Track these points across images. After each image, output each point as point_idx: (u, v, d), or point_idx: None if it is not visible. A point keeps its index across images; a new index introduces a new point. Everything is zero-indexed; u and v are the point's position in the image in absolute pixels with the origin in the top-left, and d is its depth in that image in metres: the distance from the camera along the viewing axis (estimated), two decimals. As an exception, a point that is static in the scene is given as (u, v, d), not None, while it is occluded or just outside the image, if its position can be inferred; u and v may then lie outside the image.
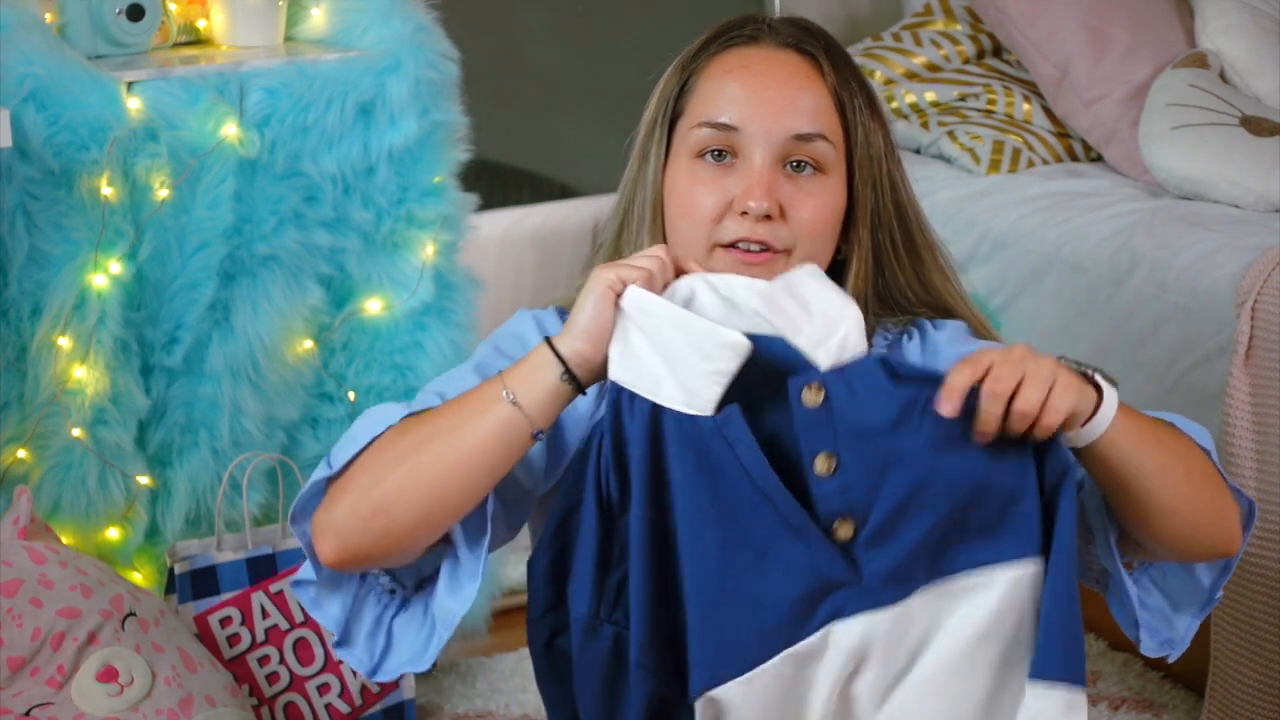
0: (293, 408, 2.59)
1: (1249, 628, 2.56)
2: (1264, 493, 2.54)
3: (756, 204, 1.76)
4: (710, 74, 1.82)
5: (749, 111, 1.78)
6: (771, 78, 1.80)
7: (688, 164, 1.80)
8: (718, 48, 1.83)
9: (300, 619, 2.46)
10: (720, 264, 1.77)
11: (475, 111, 2.66)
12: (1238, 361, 2.58)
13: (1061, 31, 3.34)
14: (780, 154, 1.78)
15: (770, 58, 1.81)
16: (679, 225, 1.80)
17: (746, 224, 1.77)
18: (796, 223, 1.78)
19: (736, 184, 1.78)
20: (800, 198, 1.78)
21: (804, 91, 1.80)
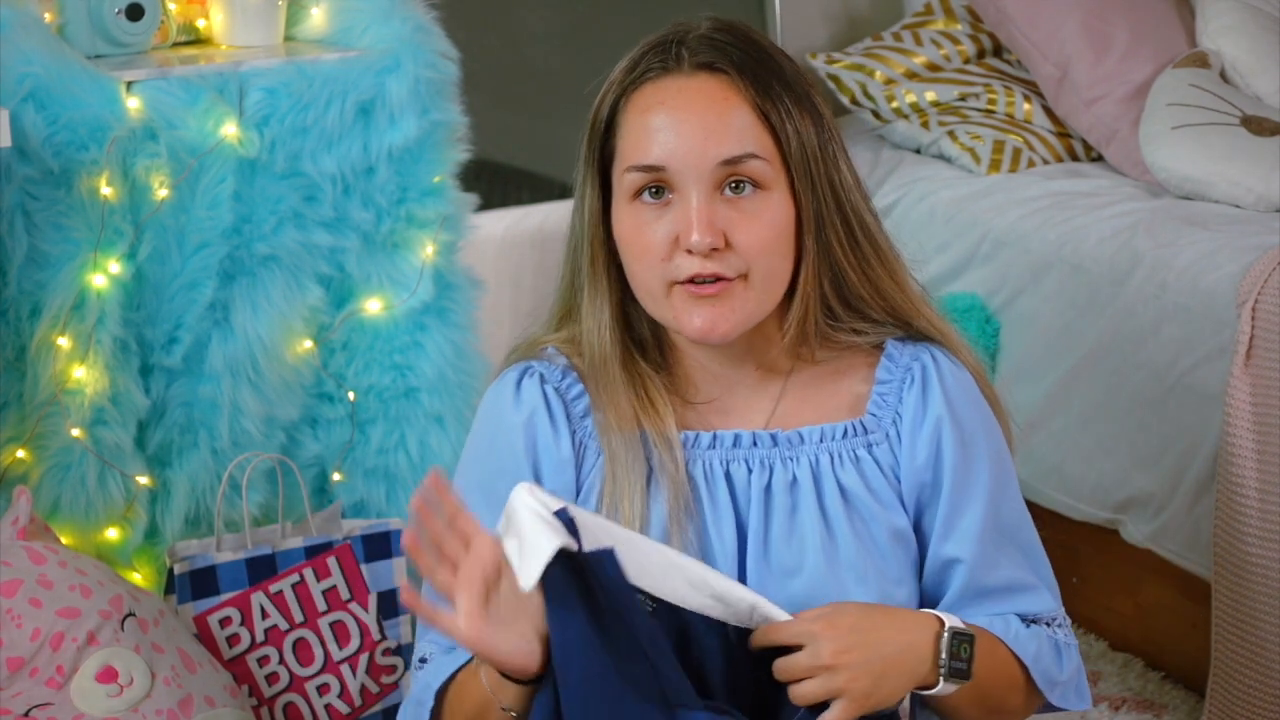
0: (292, 408, 2.59)
1: (1249, 628, 2.55)
2: (1264, 493, 2.54)
3: (699, 239, 1.74)
4: (630, 114, 1.80)
5: (671, 148, 1.76)
6: (688, 110, 1.77)
7: (628, 207, 1.79)
8: (633, 83, 1.81)
9: (300, 619, 2.46)
10: (678, 300, 1.77)
11: (475, 111, 2.66)
12: (1238, 361, 2.58)
13: (1062, 31, 3.34)
14: (712, 182, 1.76)
15: (683, 87, 1.78)
16: (634, 269, 1.80)
17: (695, 260, 1.75)
18: (744, 247, 1.76)
19: (677, 222, 1.76)
20: (743, 221, 1.76)
21: (724, 115, 1.77)
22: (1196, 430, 2.69)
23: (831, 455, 1.83)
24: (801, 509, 1.82)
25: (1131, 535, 2.83)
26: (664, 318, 1.80)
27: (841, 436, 1.83)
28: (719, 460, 1.83)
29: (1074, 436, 2.91)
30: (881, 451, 1.84)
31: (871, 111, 3.47)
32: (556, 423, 1.84)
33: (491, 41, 3.39)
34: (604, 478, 1.82)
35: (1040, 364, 2.99)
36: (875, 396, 1.85)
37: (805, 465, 1.82)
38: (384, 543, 2.52)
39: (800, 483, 1.82)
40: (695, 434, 1.83)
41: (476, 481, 1.86)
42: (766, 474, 1.82)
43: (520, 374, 1.86)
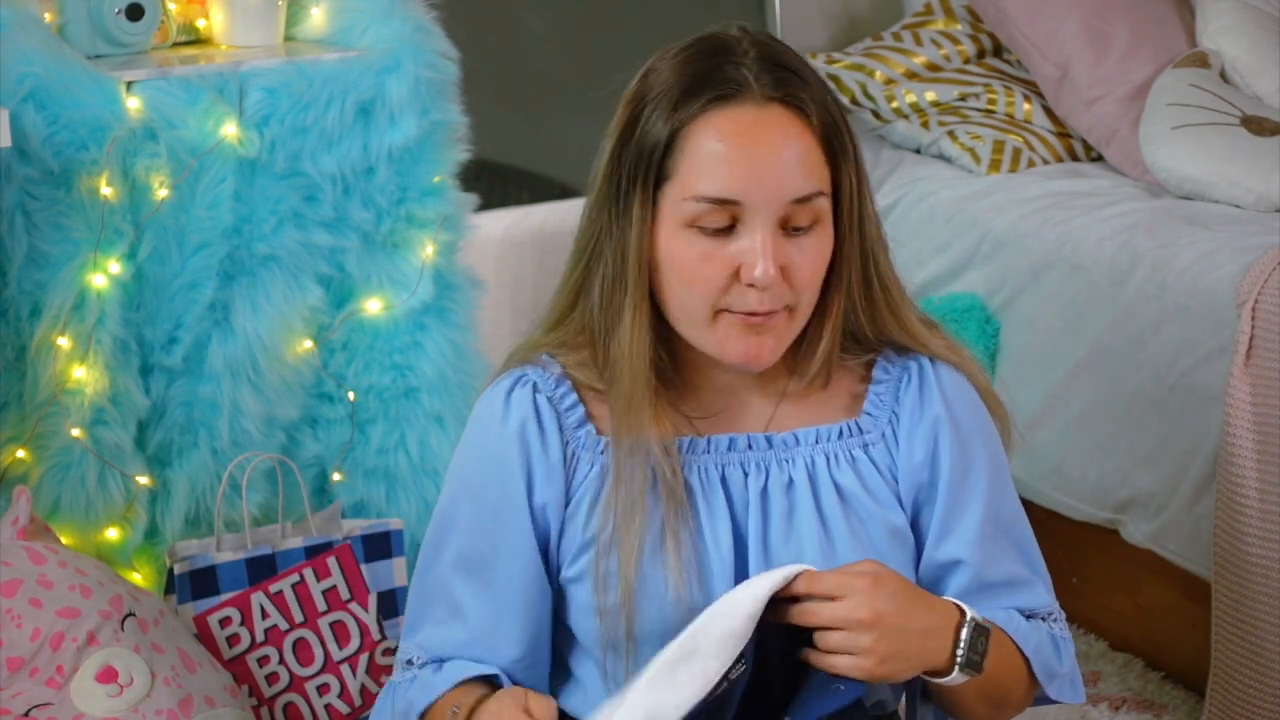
0: (292, 408, 2.59)
1: (1249, 628, 2.55)
2: (1264, 493, 2.54)
3: (764, 275, 1.73)
4: (697, 139, 1.75)
5: (747, 184, 1.74)
6: (766, 145, 1.75)
7: (682, 232, 1.76)
8: (700, 107, 1.76)
9: (300, 619, 2.46)
10: (724, 328, 1.77)
11: (475, 111, 2.66)
12: (1238, 361, 2.58)
13: (1062, 31, 3.34)
14: (782, 218, 1.76)
15: (759, 120, 1.75)
16: (680, 292, 1.78)
17: (754, 295, 1.75)
18: (798, 280, 1.77)
19: (739, 254, 1.75)
20: (800, 257, 1.76)
21: (797, 151, 1.76)
22: (1196, 430, 2.69)
23: (828, 456, 1.83)
24: (799, 511, 1.82)
25: (1131, 535, 2.83)
26: (703, 342, 1.79)
27: (837, 437, 1.84)
28: (714, 465, 1.83)
29: (1074, 436, 2.91)
30: (878, 451, 1.84)
31: (871, 111, 3.47)
32: (546, 432, 1.83)
33: (491, 41, 3.39)
34: (598, 488, 1.82)
35: (1040, 364, 2.99)
36: (872, 396, 1.85)
37: (801, 467, 1.82)
38: (384, 543, 2.52)
39: (797, 484, 1.82)
40: (690, 439, 1.83)
41: (466, 488, 1.87)
42: (763, 477, 1.83)
43: (513, 382, 1.86)
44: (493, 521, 1.84)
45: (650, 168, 1.77)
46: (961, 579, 1.83)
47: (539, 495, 1.83)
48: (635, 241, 1.78)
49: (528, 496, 1.83)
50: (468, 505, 1.85)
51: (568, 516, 1.83)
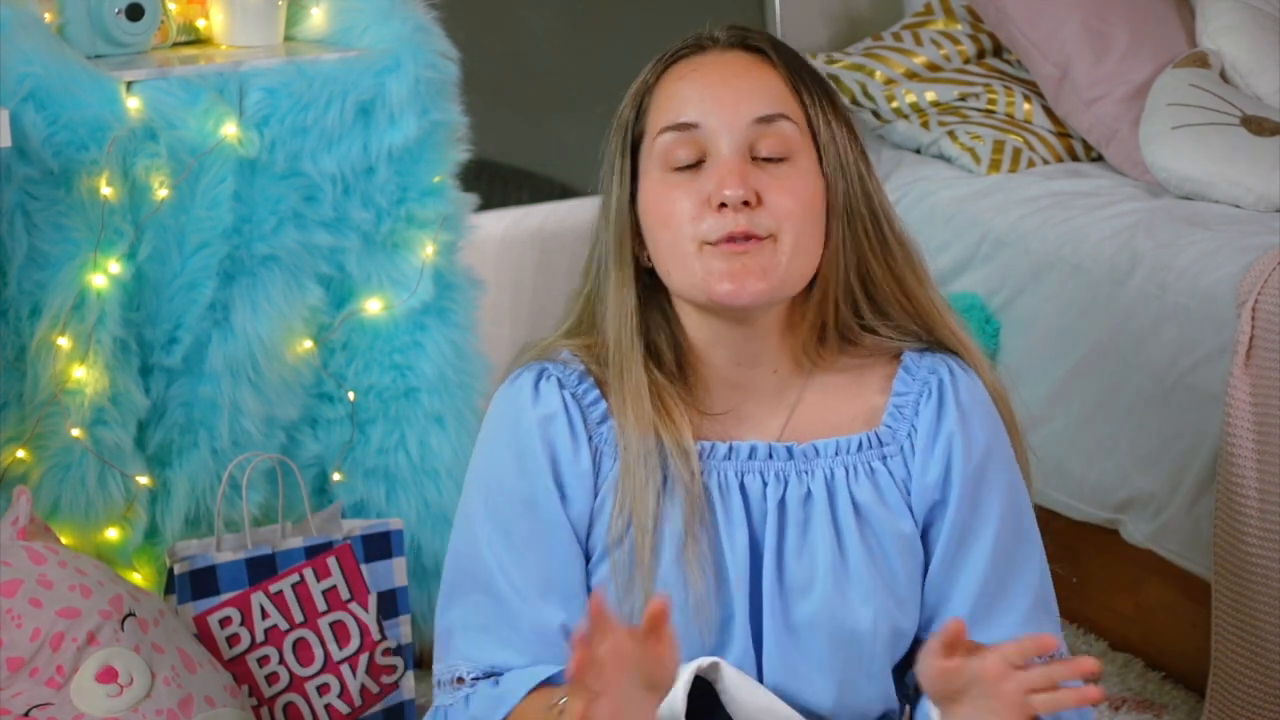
0: (292, 408, 2.59)
1: (1249, 629, 2.55)
2: (1264, 493, 2.53)
3: (732, 191, 1.75)
4: (662, 87, 1.82)
5: (707, 107, 1.78)
6: (722, 75, 1.80)
7: (658, 177, 1.80)
8: (664, 64, 1.83)
9: (300, 619, 2.46)
10: (709, 261, 1.76)
11: (475, 111, 2.66)
12: (1238, 361, 2.58)
13: (1062, 31, 3.34)
14: (746, 142, 1.77)
15: (719, 59, 1.82)
16: (661, 236, 1.79)
17: (727, 217, 1.75)
18: (775, 208, 1.76)
19: (709, 180, 1.77)
20: (775, 184, 1.77)
21: (758, 79, 1.80)
22: (1196, 430, 2.69)
23: (847, 469, 1.82)
24: (814, 524, 1.81)
25: (1131, 535, 2.83)
26: (692, 285, 1.78)
27: (857, 449, 1.83)
28: (734, 472, 1.82)
29: (1074, 436, 2.91)
30: (895, 464, 1.83)
31: (871, 111, 3.47)
32: (575, 431, 1.82)
33: (491, 41, 3.39)
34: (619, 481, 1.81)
35: (1040, 364, 2.99)
36: (892, 409, 1.84)
37: (820, 479, 1.82)
38: (384, 543, 2.52)
39: (815, 497, 1.81)
40: (712, 444, 1.82)
41: (498, 485, 1.84)
42: (781, 487, 1.82)
43: (537, 375, 1.84)
44: (531, 515, 1.82)
45: (626, 133, 1.82)
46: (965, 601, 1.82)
47: (569, 490, 1.82)
48: (617, 206, 1.82)
49: (559, 489, 1.81)
50: (502, 502, 1.83)
51: (595, 513, 1.83)
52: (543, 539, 1.81)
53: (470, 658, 1.83)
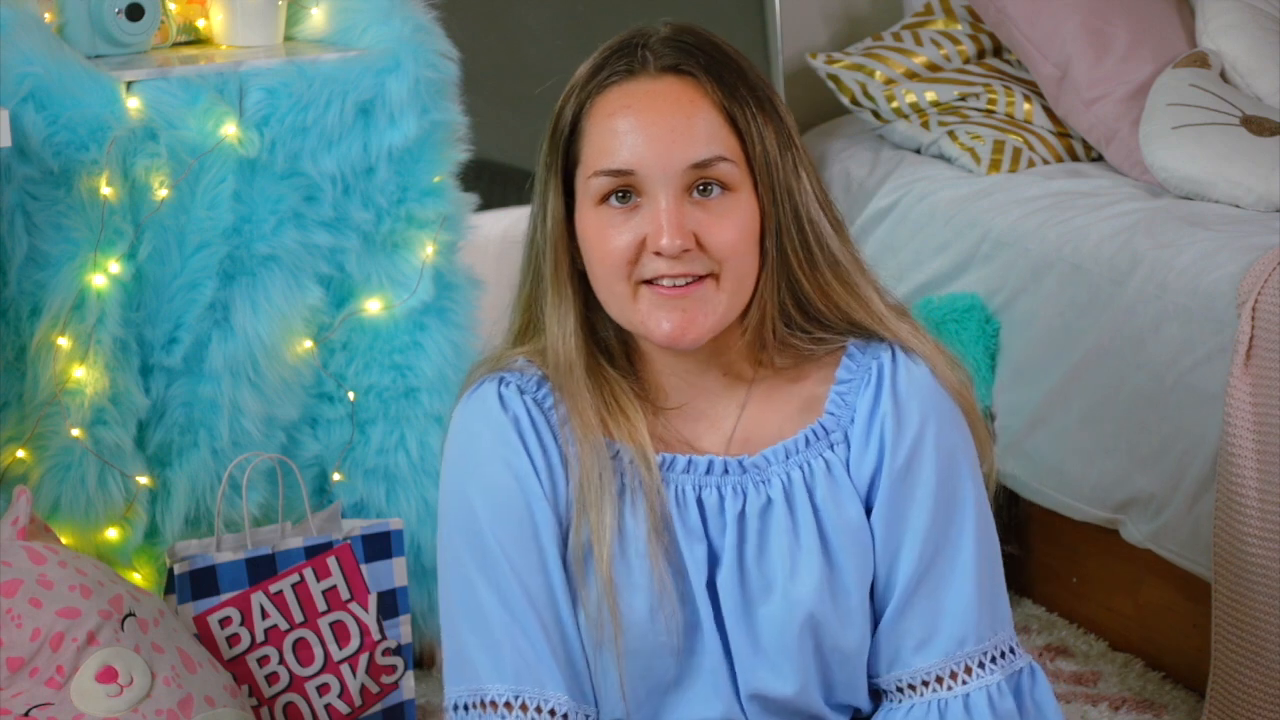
0: (292, 408, 2.59)
1: (1249, 628, 2.55)
2: (1264, 493, 2.53)
3: (669, 242, 1.73)
4: (595, 118, 1.78)
5: (640, 152, 1.74)
6: (655, 113, 1.76)
7: (593, 211, 1.78)
8: (597, 86, 1.79)
9: (300, 619, 2.46)
10: (646, 302, 1.76)
11: (475, 111, 2.66)
12: (1238, 361, 2.58)
13: (1062, 31, 3.34)
14: (683, 185, 1.75)
15: (649, 90, 1.77)
16: (599, 273, 1.78)
17: (664, 262, 1.74)
18: (714, 247, 1.75)
19: (645, 223, 1.75)
20: (713, 222, 1.75)
21: (692, 118, 1.76)
22: (1196, 430, 2.69)
23: (801, 468, 1.82)
24: (772, 531, 1.81)
25: (1131, 535, 2.83)
26: (630, 322, 1.78)
27: (805, 446, 1.82)
28: (692, 485, 1.82)
29: (1074, 436, 2.91)
30: (841, 450, 1.83)
31: (871, 111, 3.47)
32: (542, 435, 1.82)
33: (491, 41, 3.39)
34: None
35: (1040, 364, 2.99)
36: (834, 396, 1.83)
37: (778, 486, 1.82)
38: (384, 543, 2.52)
39: (774, 504, 1.81)
40: (672, 457, 1.82)
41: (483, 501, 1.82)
42: (740, 500, 1.82)
43: (497, 384, 1.84)
44: (519, 526, 1.81)
45: (559, 153, 1.80)
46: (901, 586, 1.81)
47: (548, 489, 1.82)
48: (551, 229, 1.81)
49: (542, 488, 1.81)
50: (487, 517, 1.81)
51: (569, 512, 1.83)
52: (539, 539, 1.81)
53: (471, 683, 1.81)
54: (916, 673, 1.80)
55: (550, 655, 1.79)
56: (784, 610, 1.80)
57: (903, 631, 1.81)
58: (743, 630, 1.81)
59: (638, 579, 1.80)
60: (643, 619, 1.80)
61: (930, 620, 1.80)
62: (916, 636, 1.80)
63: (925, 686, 1.80)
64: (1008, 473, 3.04)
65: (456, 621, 1.83)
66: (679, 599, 1.80)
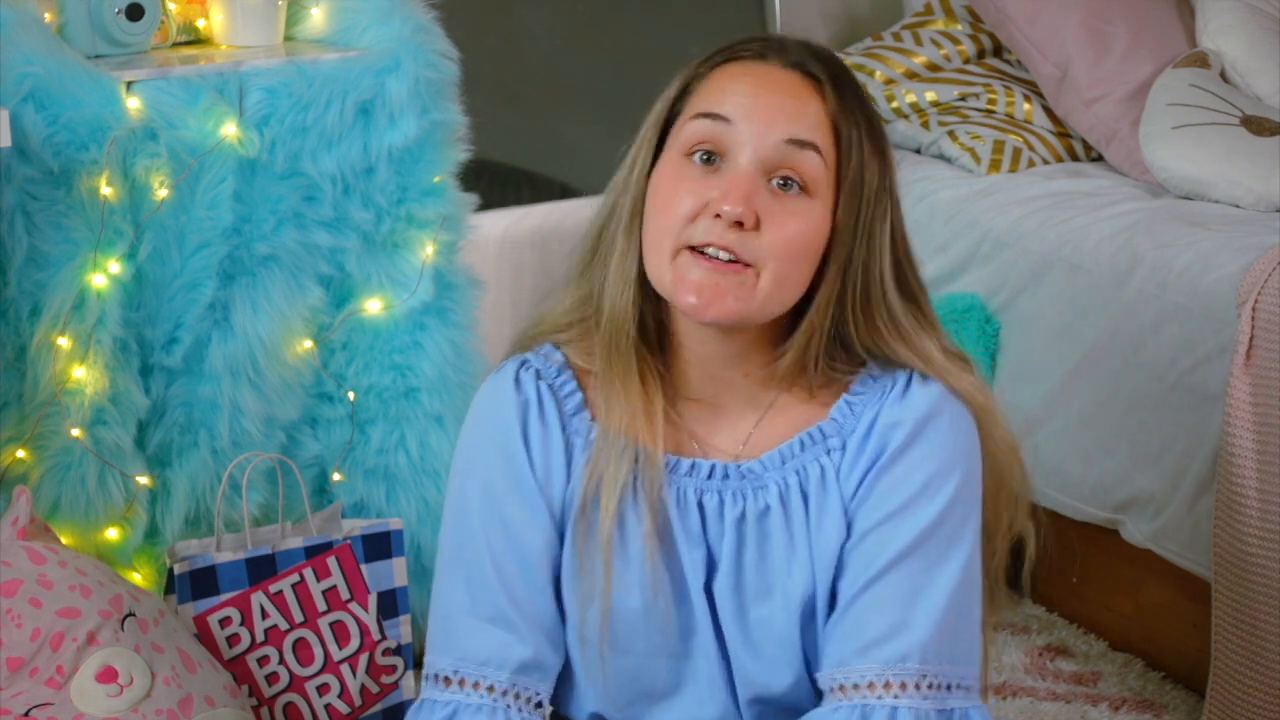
0: (292, 408, 2.59)
1: (1249, 628, 2.55)
2: (1264, 493, 2.53)
3: (731, 208, 1.72)
4: (713, 78, 1.79)
5: (745, 110, 1.75)
6: (772, 90, 1.77)
7: (675, 161, 1.78)
8: (723, 57, 1.81)
9: (300, 619, 2.46)
10: (685, 268, 1.74)
11: (475, 111, 2.66)
12: (1238, 361, 2.58)
13: (1062, 31, 3.34)
14: (768, 161, 1.75)
15: (774, 73, 1.78)
16: (654, 222, 1.78)
17: (718, 228, 1.73)
18: (769, 238, 1.74)
19: (717, 187, 1.74)
20: (779, 215, 1.74)
21: (803, 105, 1.77)
22: (1196, 430, 2.69)
23: (798, 472, 1.82)
24: (772, 537, 1.82)
25: (1131, 535, 2.83)
26: (663, 281, 1.77)
27: (800, 450, 1.82)
28: (693, 489, 1.82)
29: (1074, 436, 2.91)
30: (836, 456, 1.81)
31: (871, 111, 3.47)
32: (548, 420, 1.84)
33: (491, 41, 3.39)
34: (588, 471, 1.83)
35: (1040, 364, 2.99)
36: (842, 404, 1.82)
37: (775, 492, 1.81)
38: (384, 543, 2.52)
39: (772, 510, 1.81)
40: (676, 459, 1.83)
41: (477, 479, 1.86)
42: (740, 505, 1.82)
43: (518, 367, 1.86)
44: (507, 508, 1.83)
45: (664, 110, 1.81)
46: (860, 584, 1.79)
47: (543, 475, 1.83)
48: (637, 178, 1.81)
49: (535, 479, 1.83)
50: (480, 499, 1.84)
51: (568, 501, 1.84)
52: (526, 519, 1.83)
53: (469, 656, 1.83)
54: (852, 673, 1.77)
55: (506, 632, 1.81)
56: (783, 611, 1.80)
57: (852, 629, 1.77)
58: (739, 633, 1.82)
59: (633, 577, 1.81)
60: (636, 617, 1.81)
61: (883, 626, 1.76)
62: (864, 638, 1.76)
63: (856, 690, 1.76)
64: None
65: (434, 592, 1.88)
66: (674, 601, 1.81)
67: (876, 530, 1.78)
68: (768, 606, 1.81)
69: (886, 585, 1.76)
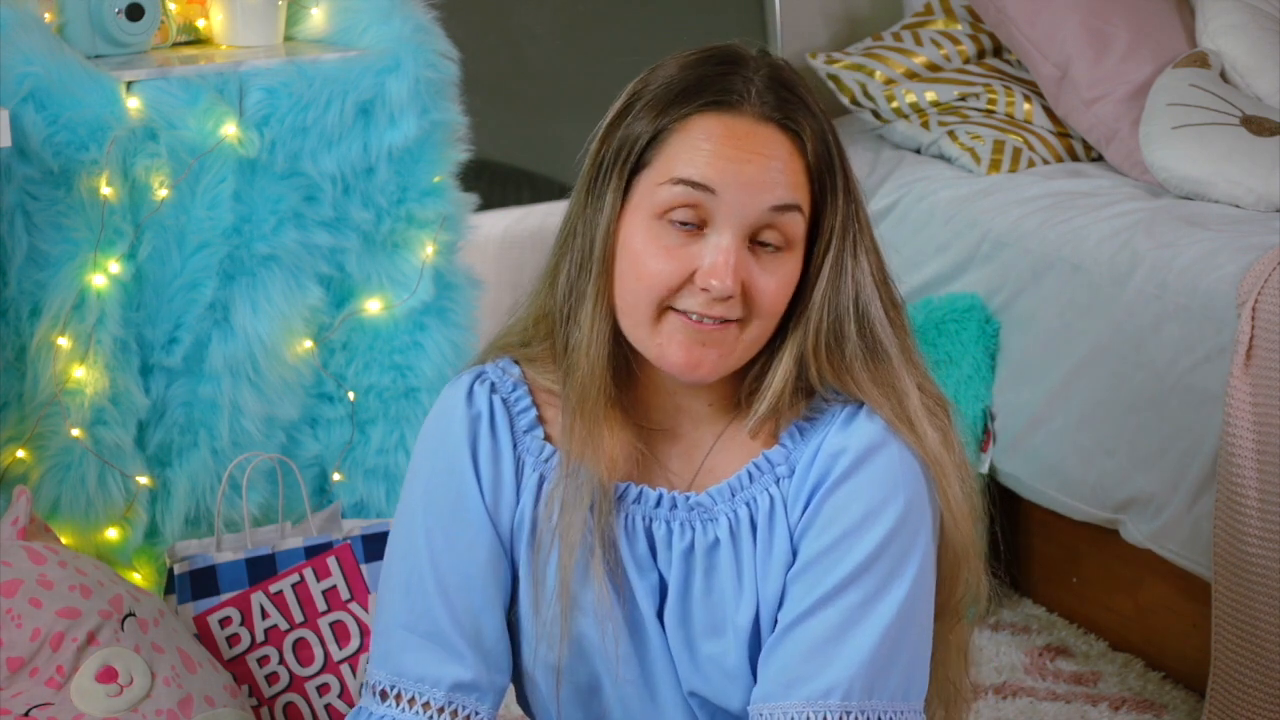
0: (292, 408, 2.59)
1: (1249, 628, 2.55)
2: (1264, 493, 2.54)
3: (720, 285, 1.70)
4: (689, 132, 1.73)
5: (728, 178, 1.71)
6: (754, 150, 1.72)
7: (648, 222, 1.73)
8: (698, 107, 1.74)
9: (300, 619, 2.46)
10: (669, 327, 1.73)
11: (475, 111, 2.66)
12: (1238, 361, 2.58)
13: (1062, 31, 3.34)
14: (752, 228, 1.72)
15: (752, 132, 1.73)
16: (630, 285, 1.74)
17: (704, 300, 1.72)
18: (754, 300, 1.73)
19: (700, 256, 1.72)
20: (761, 277, 1.73)
21: (787, 165, 1.73)
22: (1196, 430, 2.69)
23: (748, 503, 1.80)
24: (720, 569, 1.80)
25: (1131, 535, 2.83)
26: (644, 344, 1.76)
27: (749, 482, 1.80)
28: (641, 516, 1.81)
29: (1074, 436, 2.92)
30: (785, 484, 1.79)
31: (871, 111, 3.47)
32: (499, 435, 1.83)
33: (491, 41, 3.39)
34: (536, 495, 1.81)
35: (1040, 364, 2.99)
36: (792, 429, 1.80)
37: (725, 525, 1.80)
38: (384, 543, 2.52)
39: (721, 543, 1.80)
40: (625, 486, 1.81)
41: (424, 491, 1.85)
42: (687, 536, 1.81)
43: (473, 379, 1.85)
44: (451, 525, 1.82)
45: (630, 155, 1.75)
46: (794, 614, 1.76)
47: (490, 491, 1.82)
48: (604, 226, 1.76)
49: (481, 496, 1.82)
50: (424, 511, 1.84)
51: (517, 520, 1.83)
52: (469, 537, 1.82)
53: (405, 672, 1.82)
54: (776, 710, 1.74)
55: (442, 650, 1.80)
56: (735, 646, 1.78)
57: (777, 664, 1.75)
58: (689, 664, 1.81)
59: (585, 602, 1.79)
60: (593, 643, 1.79)
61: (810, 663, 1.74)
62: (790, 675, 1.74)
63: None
64: (1008, 473, 3.04)
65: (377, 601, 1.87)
66: (627, 626, 1.80)
67: (815, 562, 1.75)
68: (719, 643, 1.79)
69: (818, 621, 1.74)
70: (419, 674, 1.80)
